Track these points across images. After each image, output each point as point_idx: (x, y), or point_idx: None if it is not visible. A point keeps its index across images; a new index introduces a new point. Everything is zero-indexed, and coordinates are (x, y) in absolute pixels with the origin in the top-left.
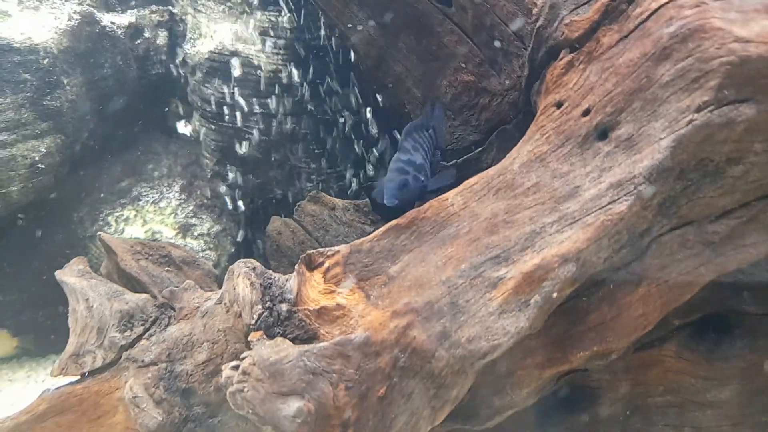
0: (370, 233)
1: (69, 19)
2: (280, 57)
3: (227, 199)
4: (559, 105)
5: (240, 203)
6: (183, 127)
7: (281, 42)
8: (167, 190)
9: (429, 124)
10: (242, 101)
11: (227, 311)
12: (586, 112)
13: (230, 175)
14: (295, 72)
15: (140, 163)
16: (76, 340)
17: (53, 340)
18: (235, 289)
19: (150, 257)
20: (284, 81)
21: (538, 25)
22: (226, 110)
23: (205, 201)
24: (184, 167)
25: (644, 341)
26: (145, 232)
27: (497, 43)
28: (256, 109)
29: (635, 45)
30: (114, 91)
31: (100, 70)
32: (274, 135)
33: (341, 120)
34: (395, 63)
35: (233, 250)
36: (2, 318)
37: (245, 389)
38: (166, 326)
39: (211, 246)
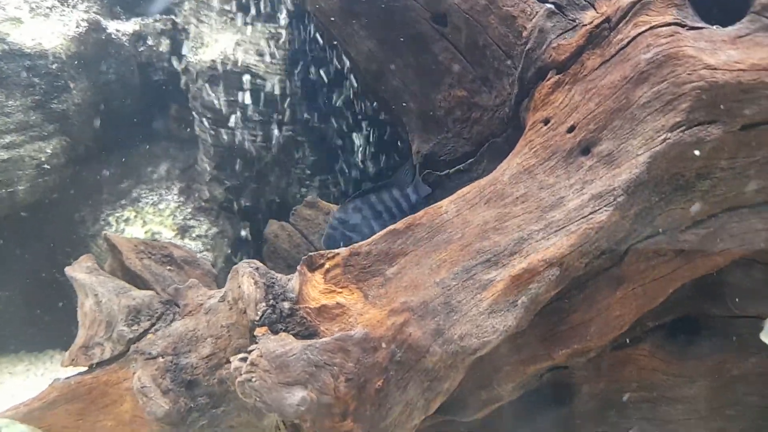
0: None
1: (77, 26)
2: (279, 67)
3: (224, 202)
4: (546, 121)
5: (236, 206)
6: (182, 132)
7: (281, 53)
8: (166, 193)
9: (403, 189)
10: (241, 108)
11: (230, 309)
12: (570, 129)
13: (228, 179)
14: (293, 81)
15: (140, 166)
16: (85, 333)
17: (51, 335)
18: (240, 287)
19: (153, 256)
20: (282, 90)
21: (527, 47)
22: (225, 117)
23: (203, 204)
24: (182, 170)
25: (620, 341)
26: (145, 232)
27: (489, 62)
28: (255, 116)
29: (616, 68)
30: (117, 95)
31: (104, 75)
32: (271, 141)
33: (336, 129)
34: (393, 78)
35: (229, 251)
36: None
37: (253, 379)
38: (171, 321)
39: (209, 247)
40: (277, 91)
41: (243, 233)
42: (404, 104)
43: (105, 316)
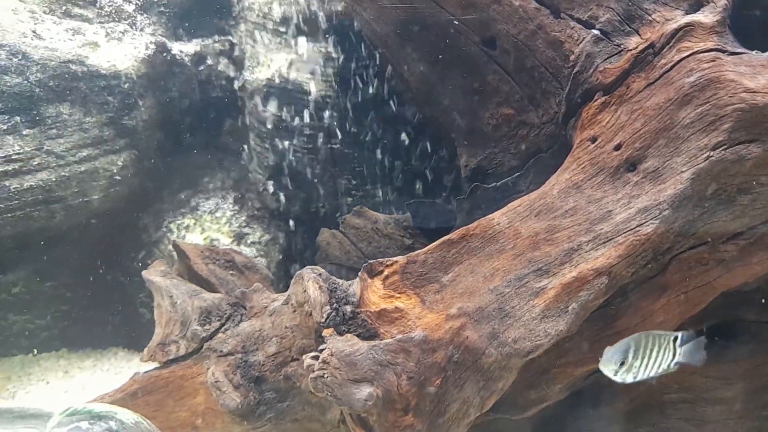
0: (408, 245)
1: (146, 49)
2: (328, 84)
3: (276, 210)
4: (593, 140)
5: (288, 215)
6: (235, 145)
7: (330, 70)
8: (222, 202)
9: None
10: (294, 123)
11: (294, 311)
12: (617, 147)
13: (279, 189)
14: (342, 97)
15: (197, 176)
16: (162, 331)
17: (114, 333)
18: (305, 291)
19: (217, 262)
20: (332, 105)
21: (575, 70)
22: (278, 131)
23: (256, 212)
24: (236, 181)
25: None
26: (204, 239)
27: (536, 83)
28: (306, 130)
29: (660, 91)
30: (178, 111)
31: (168, 92)
32: (321, 154)
33: (383, 142)
34: (443, 97)
35: (281, 257)
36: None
37: (325, 375)
38: (239, 322)
39: (262, 253)
40: (327, 107)
41: (293, 240)
42: (453, 121)
43: (180, 316)
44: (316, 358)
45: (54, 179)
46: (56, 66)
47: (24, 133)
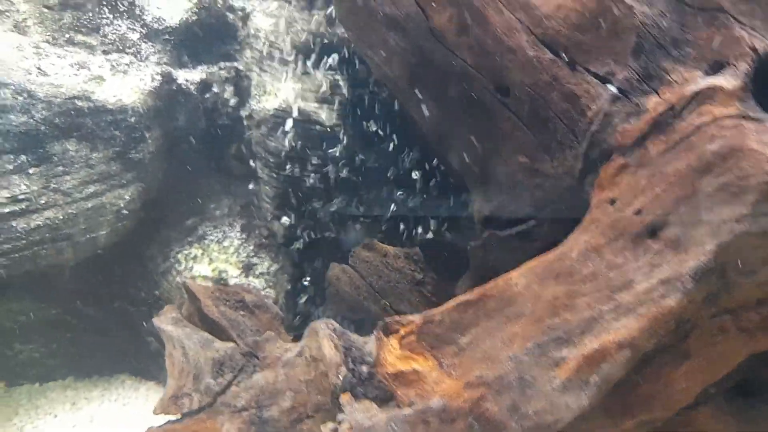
0: (419, 280)
1: (152, 80)
2: (337, 114)
3: (283, 239)
4: (612, 202)
5: (295, 243)
6: (241, 169)
7: (339, 99)
8: (229, 230)
9: None
10: (302, 154)
11: (308, 365)
12: (638, 212)
13: (287, 218)
14: (350, 127)
15: (203, 203)
16: (174, 383)
17: (121, 361)
18: (320, 349)
19: (227, 302)
20: (340, 135)
21: (592, 129)
22: (287, 161)
23: (263, 241)
24: (243, 207)
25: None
26: (212, 270)
27: (551, 133)
28: (315, 160)
29: (681, 156)
30: (185, 139)
31: (174, 122)
32: (329, 183)
33: (390, 172)
34: (455, 141)
35: (289, 287)
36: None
37: None
38: (252, 374)
39: (271, 284)
40: (335, 136)
41: (301, 269)
42: (465, 165)
43: (192, 368)
44: (335, 430)
45: (61, 217)
46: (62, 103)
47: (30, 172)
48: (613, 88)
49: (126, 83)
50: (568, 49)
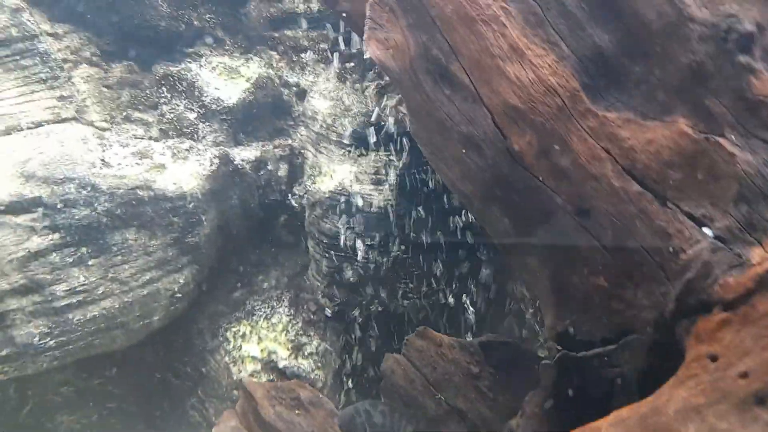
0: (475, 374)
1: (210, 164)
2: (390, 193)
3: (333, 316)
4: (713, 358)
5: (346, 319)
6: (288, 238)
7: (392, 179)
8: (277, 305)
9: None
10: (356, 235)
11: None
12: (743, 375)
13: (338, 296)
14: (404, 209)
15: (252, 275)
16: None
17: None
18: None
19: (283, 401)
20: (393, 215)
21: (688, 276)
22: (339, 241)
23: (312, 317)
24: (290, 278)
25: None
26: (261, 350)
27: (636, 264)
28: (368, 240)
29: None
30: (238, 217)
31: (229, 201)
32: (381, 262)
33: (441, 249)
34: (528, 256)
35: (337, 366)
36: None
37: None
38: None
39: (319, 365)
40: (389, 217)
41: (351, 347)
42: (538, 279)
43: None
44: None
45: (117, 306)
46: (124, 194)
47: (89, 263)
48: (709, 232)
49: (185, 169)
50: (658, 183)
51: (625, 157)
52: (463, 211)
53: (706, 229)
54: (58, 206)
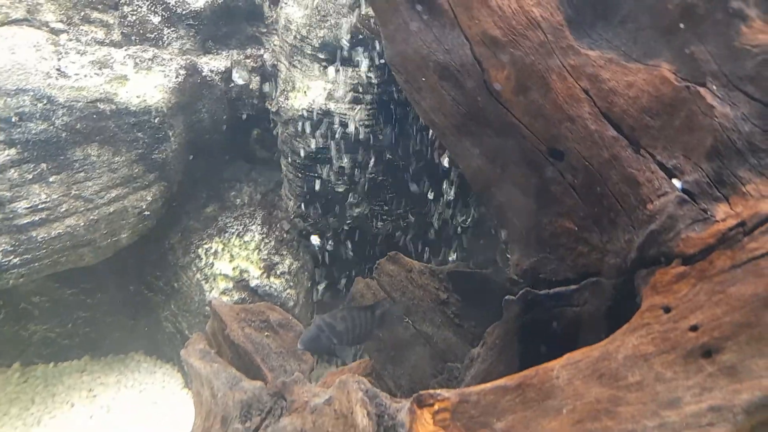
0: (443, 300)
1: (176, 76)
2: (366, 113)
3: (304, 232)
4: (667, 310)
5: (317, 240)
6: (262, 153)
7: (368, 97)
8: (250, 222)
9: (377, 313)
10: (330, 155)
11: (336, 418)
12: (693, 328)
13: (311, 216)
14: (379, 126)
15: (223, 190)
16: (202, 423)
17: (134, 339)
18: (350, 407)
19: (252, 323)
20: (368, 135)
21: (652, 227)
22: (313, 162)
23: (285, 236)
24: (263, 195)
25: None
26: (233, 269)
27: (604, 209)
28: (343, 162)
29: (748, 280)
30: (207, 131)
31: (198, 114)
32: (355, 183)
33: (415, 169)
34: (499, 193)
35: (309, 284)
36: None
37: None
38: (279, 417)
39: (291, 284)
40: (363, 136)
41: (323, 268)
42: (508, 217)
43: (221, 410)
44: None
45: (82, 224)
46: (83, 107)
47: (50, 180)
48: (678, 184)
49: (150, 81)
50: (633, 130)
51: (604, 99)
52: None
53: (675, 181)
54: (13, 120)
